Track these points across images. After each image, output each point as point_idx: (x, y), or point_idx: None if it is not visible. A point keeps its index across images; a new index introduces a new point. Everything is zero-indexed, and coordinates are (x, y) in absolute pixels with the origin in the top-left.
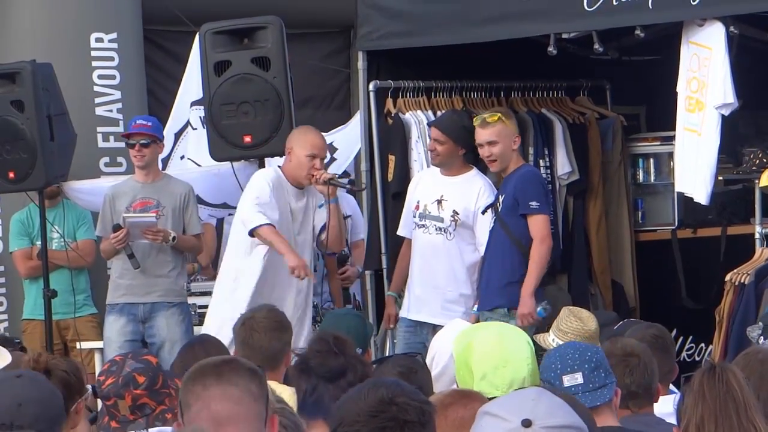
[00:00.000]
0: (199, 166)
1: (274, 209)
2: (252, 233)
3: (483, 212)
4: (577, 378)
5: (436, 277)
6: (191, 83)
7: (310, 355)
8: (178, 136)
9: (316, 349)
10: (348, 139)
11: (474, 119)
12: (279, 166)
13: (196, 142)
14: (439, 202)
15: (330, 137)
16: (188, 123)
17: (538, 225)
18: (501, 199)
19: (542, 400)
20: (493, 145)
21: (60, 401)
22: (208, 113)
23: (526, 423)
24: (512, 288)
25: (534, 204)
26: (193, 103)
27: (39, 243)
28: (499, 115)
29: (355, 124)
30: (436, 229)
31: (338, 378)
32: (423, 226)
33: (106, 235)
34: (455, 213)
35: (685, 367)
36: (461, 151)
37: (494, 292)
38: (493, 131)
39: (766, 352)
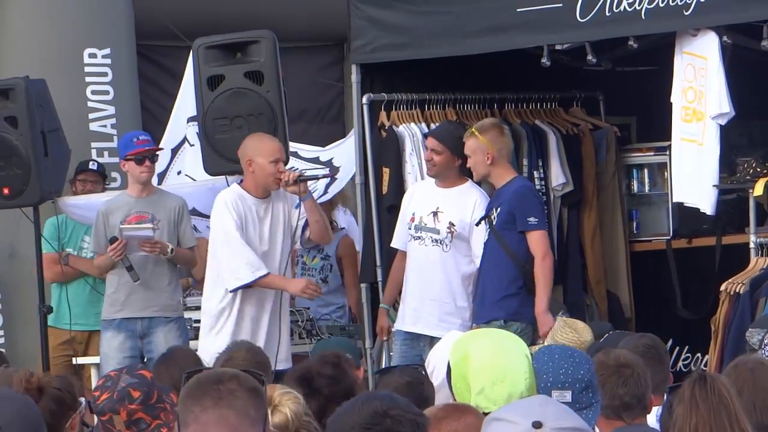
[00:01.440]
0: (194, 180)
1: (244, 244)
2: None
3: (477, 224)
4: (566, 396)
5: (433, 289)
6: (187, 99)
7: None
8: (175, 151)
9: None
10: (347, 154)
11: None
12: (238, 183)
13: (193, 158)
14: (435, 213)
15: (329, 153)
16: (186, 139)
17: (538, 242)
18: (496, 212)
19: (549, 404)
20: (468, 158)
21: (38, 413)
22: (201, 127)
23: (537, 424)
24: (508, 301)
25: (533, 220)
26: (190, 119)
27: (69, 249)
28: (473, 130)
29: (353, 139)
30: (433, 241)
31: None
32: (419, 238)
33: (101, 250)
34: (451, 225)
35: (682, 377)
36: (457, 162)
37: (490, 305)
38: (466, 146)
39: (755, 360)
